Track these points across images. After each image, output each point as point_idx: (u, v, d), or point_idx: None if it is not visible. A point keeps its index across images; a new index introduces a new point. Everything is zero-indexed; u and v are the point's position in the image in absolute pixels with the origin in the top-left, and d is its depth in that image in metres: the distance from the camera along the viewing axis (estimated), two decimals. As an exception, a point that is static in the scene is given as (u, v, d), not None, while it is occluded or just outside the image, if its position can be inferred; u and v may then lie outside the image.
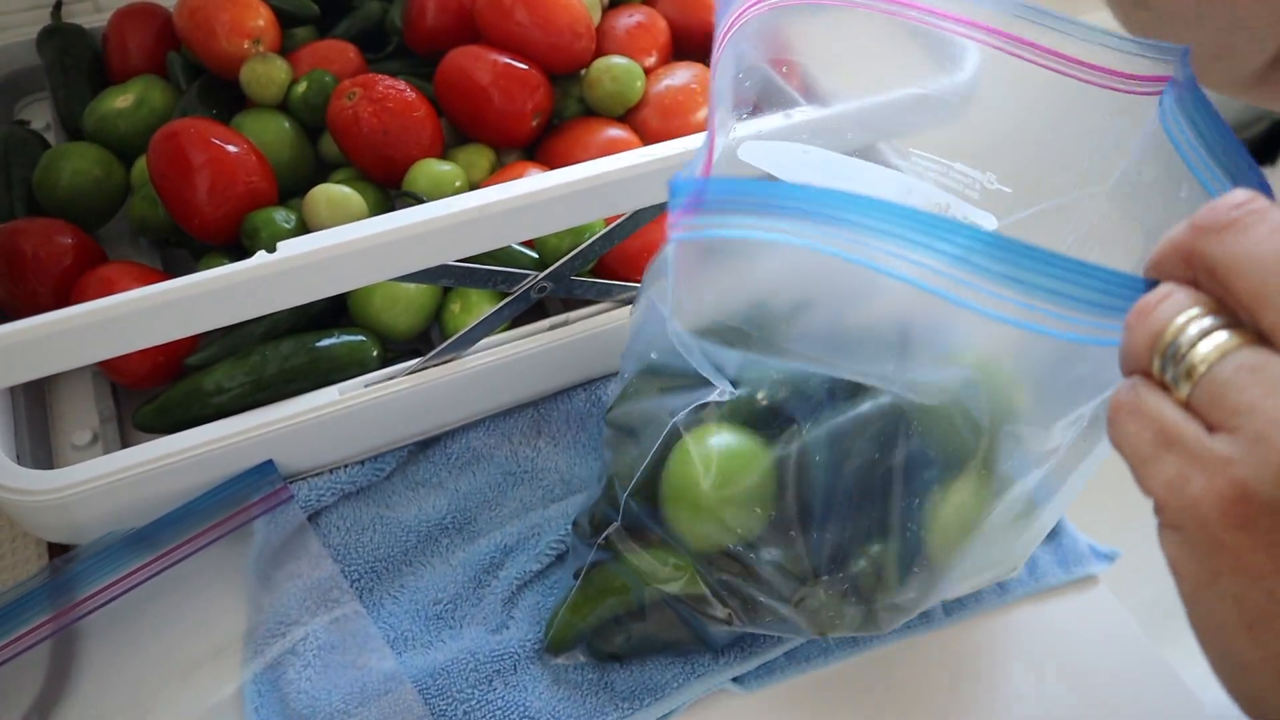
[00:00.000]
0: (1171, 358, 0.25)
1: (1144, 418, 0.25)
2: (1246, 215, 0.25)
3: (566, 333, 0.59)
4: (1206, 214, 0.25)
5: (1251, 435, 0.23)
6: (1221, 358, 0.24)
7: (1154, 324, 0.25)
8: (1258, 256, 0.24)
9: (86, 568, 0.52)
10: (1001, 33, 0.41)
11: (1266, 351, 0.24)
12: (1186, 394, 0.25)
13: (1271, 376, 0.23)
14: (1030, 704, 0.53)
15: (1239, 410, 0.24)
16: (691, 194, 0.30)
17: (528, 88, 0.65)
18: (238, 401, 0.55)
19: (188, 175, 0.59)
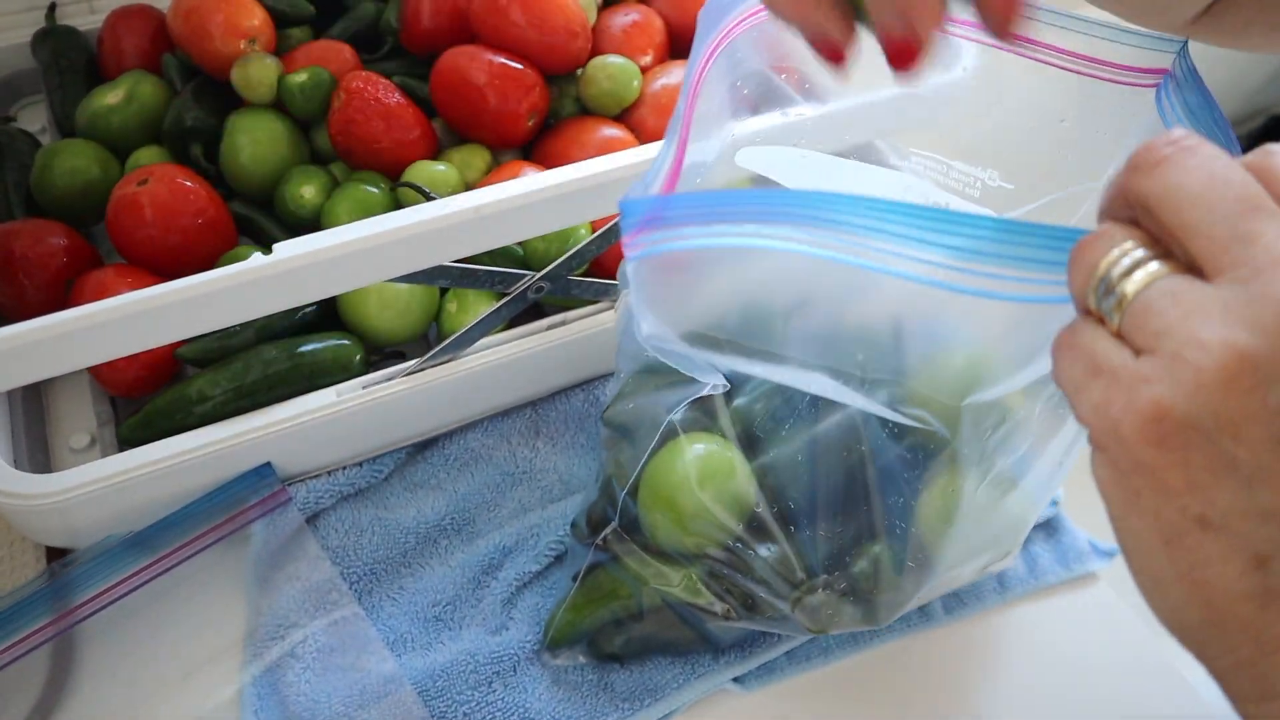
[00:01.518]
0: (1105, 290, 0.26)
1: (1078, 349, 0.26)
2: (1178, 151, 0.25)
3: (564, 333, 0.59)
4: (1141, 152, 0.26)
5: (1169, 354, 0.24)
6: (1148, 284, 0.25)
7: (1090, 259, 0.26)
8: (1185, 186, 0.25)
9: (85, 571, 0.52)
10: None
11: (1191, 278, 0.24)
12: (1117, 323, 0.25)
13: (1192, 300, 0.24)
14: (1031, 701, 0.53)
15: (1159, 332, 0.24)
16: (646, 212, 0.30)
17: (523, 87, 0.65)
18: (221, 409, 0.55)
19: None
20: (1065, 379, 0.26)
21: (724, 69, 0.41)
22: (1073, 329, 0.27)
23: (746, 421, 0.46)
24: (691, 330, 0.43)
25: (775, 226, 0.28)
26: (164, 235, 0.59)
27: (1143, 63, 0.40)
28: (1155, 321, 0.24)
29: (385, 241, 0.48)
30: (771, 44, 0.42)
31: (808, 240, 0.28)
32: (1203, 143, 0.25)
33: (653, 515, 0.47)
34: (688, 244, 0.30)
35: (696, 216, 0.30)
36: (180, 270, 0.56)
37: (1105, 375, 0.25)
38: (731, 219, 0.29)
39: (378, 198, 0.63)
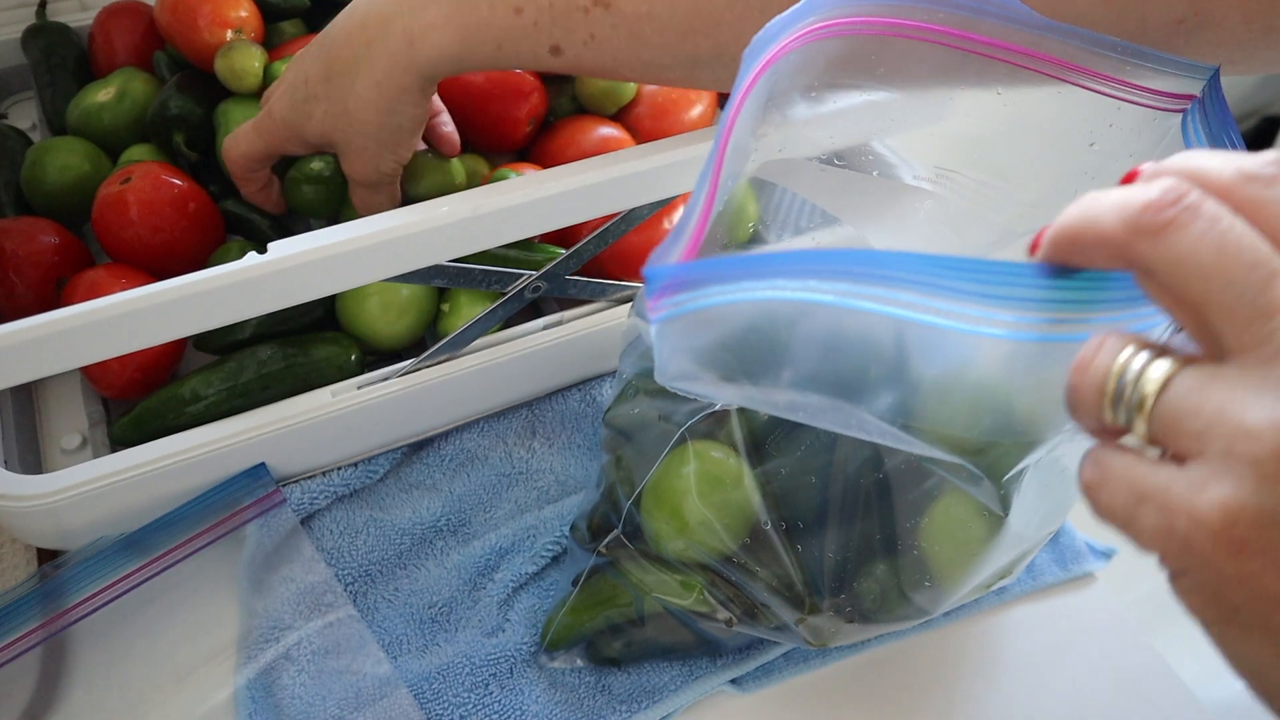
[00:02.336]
0: (1121, 401, 0.25)
1: (1114, 484, 0.25)
2: (1181, 213, 0.24)
3: (561, 333, 0.58)
4: (1141, 213, 0.25)
5: (1218, 454, 0.23)
6: (1167, 384, 0.24)
7: (1096, 375, 0.25)
8: (1195, 260, 0.24)
9: (77, 573, 0.51)
10: (1031, 53, 0.41)
11: (1207, 367, 0.24)
12: (1145, 431, 0.24)
13: (1221, 390, 0.23)
14: (1029, 702, 0.53)
15: (1198, 433, 0.23)
16: (672, 279, 0.30)
17: (521, 94, 0.65)
18: (214, 409, 0.55)
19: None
20: (1111, 515, 0.25)
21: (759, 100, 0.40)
22: (1097, 461, 0.25)
23: (756, 432, 0.45)
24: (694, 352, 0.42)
25: (806, 280, 0.28)
26: (151, 233, 0.59)
27: (1173, 88, 0.40)
28: (1190, 422, 0.23)
29: (381, 241, 0.47)
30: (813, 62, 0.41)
31: (845, 292, 0.28)
32: (1203, 199, 0.24)
33: (657, 523, 0.46)
34: (714, 301, 0.30)
35: (723, 277, 0.29)
36: (169, 268, 0.55)
37: (1154, 498, 0.24)
38: (760, 276, 0.29)
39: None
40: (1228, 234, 0.24)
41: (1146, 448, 0.25)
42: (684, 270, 0.30)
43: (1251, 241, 0.24)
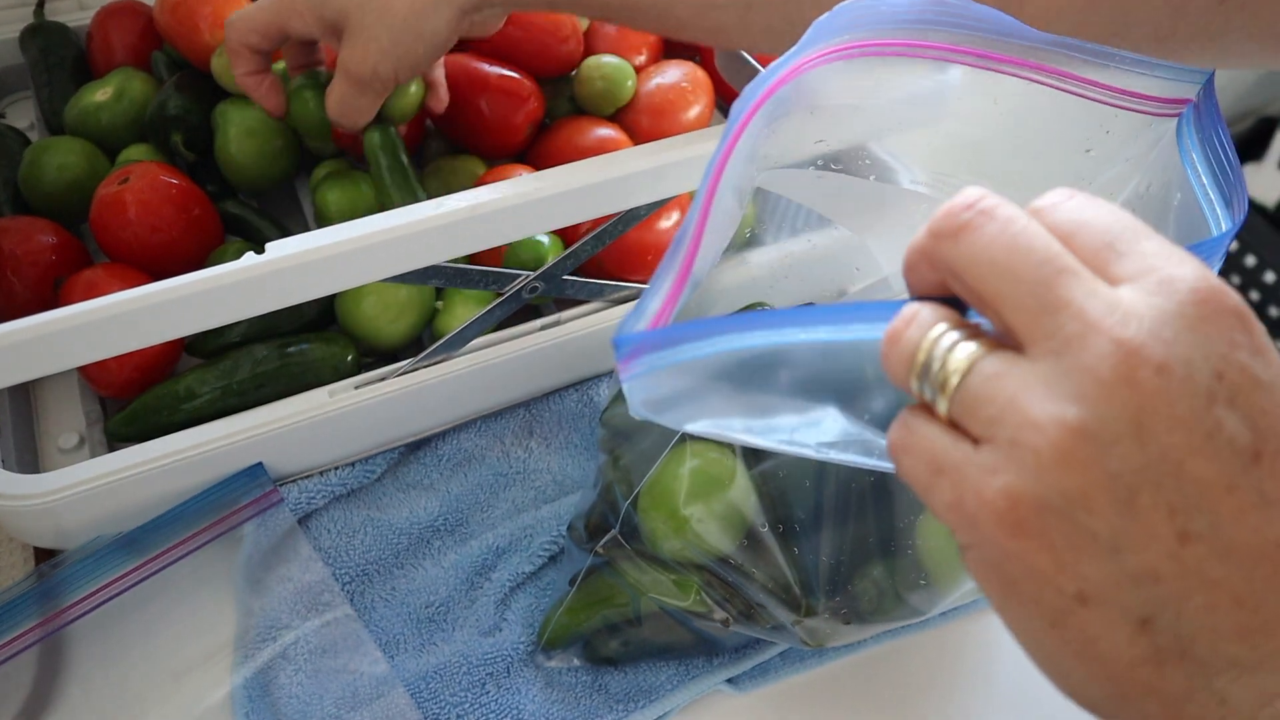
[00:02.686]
0: (926, 378, 0.26)
1: (916, 450, 0.26)
2: (976, 216, 0.25)
3: (558, 333, 0.58)
4: (942, 219, 0.26)
5: (1006, 442, 0.24)
6: (969, 369, 0.25)
7: (905, 347, 0.26)
8: (990, 257, 0.25)
9: (74, 573, 0.51)
10: (1027, 64, 0.41)
11: (1009, 355, 0.25)
12: (945, 410, 0.26)
13: (1015, 381, 0.24)
14: (1025, 702, 0.53)
15: (990, 420, 0.24)
16: (639, 344, 0.31)
17: (519, 99, 0.65)
18: (209, 407, 0.55)
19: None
20: (912, 479, 0.27)
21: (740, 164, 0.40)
22: (906, 427, 0.27)
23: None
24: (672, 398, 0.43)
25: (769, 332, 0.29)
26: (149, 233, 0.59)
27: (1168, 93, 0.40)
28: (985, 409, 0.24)
29: (379, 241, 0.48)
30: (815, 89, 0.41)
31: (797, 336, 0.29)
32: (1000, 204, 0.25)
33: (654, 523, 0.46)
34: (684, 357, 0.30)
35: (693, 336, 0.30)
36: (167, 268, 0.56)
37: (949, 473, 0.25)
38: (728, 333, 0.30)
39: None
40: (1019, 234, 0.25)
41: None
42: (651, 337, 0.31)
43: (1043, 240, 0.25)
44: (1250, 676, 0.24)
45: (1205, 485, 0.23)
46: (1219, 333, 0.24)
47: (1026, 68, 0.42)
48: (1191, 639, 0.24)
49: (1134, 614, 0.24)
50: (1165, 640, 0.24)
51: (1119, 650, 0.24)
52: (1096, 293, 0.24)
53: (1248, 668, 0.24)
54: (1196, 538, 0.23)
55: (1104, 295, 0.24)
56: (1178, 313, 0.24)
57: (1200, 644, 0.24)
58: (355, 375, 0.56)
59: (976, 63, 0.43)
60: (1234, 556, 0.23)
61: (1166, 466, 0.23)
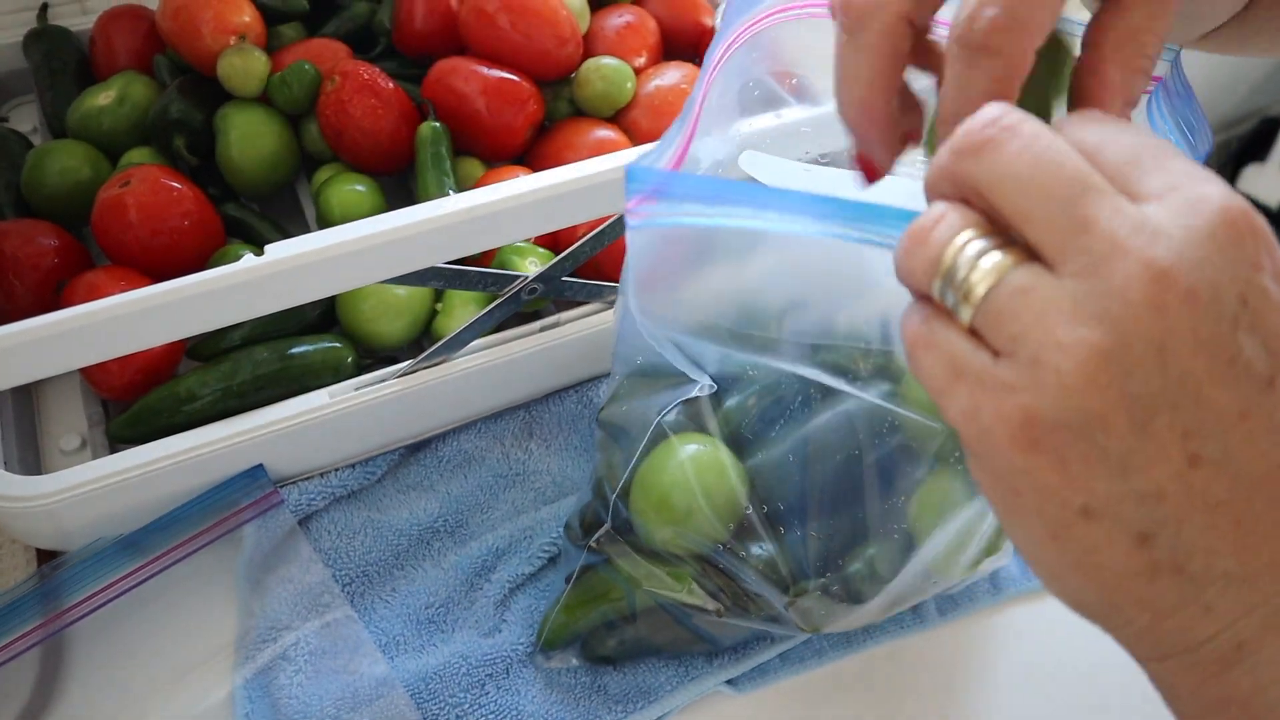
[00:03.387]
0: (950, 283, 0.25)
1: (936, 350, 0.26)
2: (1000, 132, 0.25)
3: (557, 334, 0.58)
4: (962, 136, 0.26)
5: (1028, 360, 0.24)
6: (996, 282, 0.25)
7: (931, 249, 0.26)
8: (1014, 173, 0.25)
9: (75, 574, 0.52)
10: None
11: (1036, 269, 0.24)
12: (969, 318, 0.25)
13: (1042, 298, 0.24)
14: (1025, 702, 0.53)
15: (1015, 336, 0.24)
16: (652, 184, 0.31)
17: (518, 102, 0.65)
18: (210, 409, 0.55)
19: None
20: (926, 378, 0.26)
21: (741, 65, 0.41)
22: (928, 325, 0.26)
23: (736, 422, 0.46)
24: (687, 324, 0.43)
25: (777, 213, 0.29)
26: (150, 236, 0.59)
27: None
28: (1010, 324, 0.24)
29: (378, 243, 0.48)
30: (781, 48, 0.42)
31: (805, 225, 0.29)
32: (1024, 119, 0.25)
33: (644, 516, 0.47)
34: (689, 221, 0.30)
35: (701, 196, 0.30)
36: (169, 271, 0.56)
37: (968, 380, 0.25)
38: (735, 203, 0.30)
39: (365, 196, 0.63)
40: (1045, 150, 0.24)
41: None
42: (667, 177, 0.30)
43: (1068, 157, 0.25)
44: (1237, 588, 0.25)
45: (1220, 410, 0.24)
46: (1245, 255, 0.24)
47: None
48: (1188, 554, 0.24)
49: (1135, 529, 0.24)
50: (1162, 555, 0.25)
51: (1116, 562, 0.25)
52: (1123, 211, 0.24)
53: (1236, 580, 0.25)
54: (1206, 461, 0.24)
55: (1131, 214, 0.24)
56: (1207, 233, 0.23)
57: (1196, 560, 0.25)
58: (355, 377, 0.56)
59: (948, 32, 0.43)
60: (1239, 480, 0.24)
61: (1185, 391, 0.23)
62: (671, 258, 0.42)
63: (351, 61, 0.66)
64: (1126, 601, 0.26)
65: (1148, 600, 0.25)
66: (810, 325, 0.44)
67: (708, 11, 0.75)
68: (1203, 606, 0.25)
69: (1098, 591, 0.26)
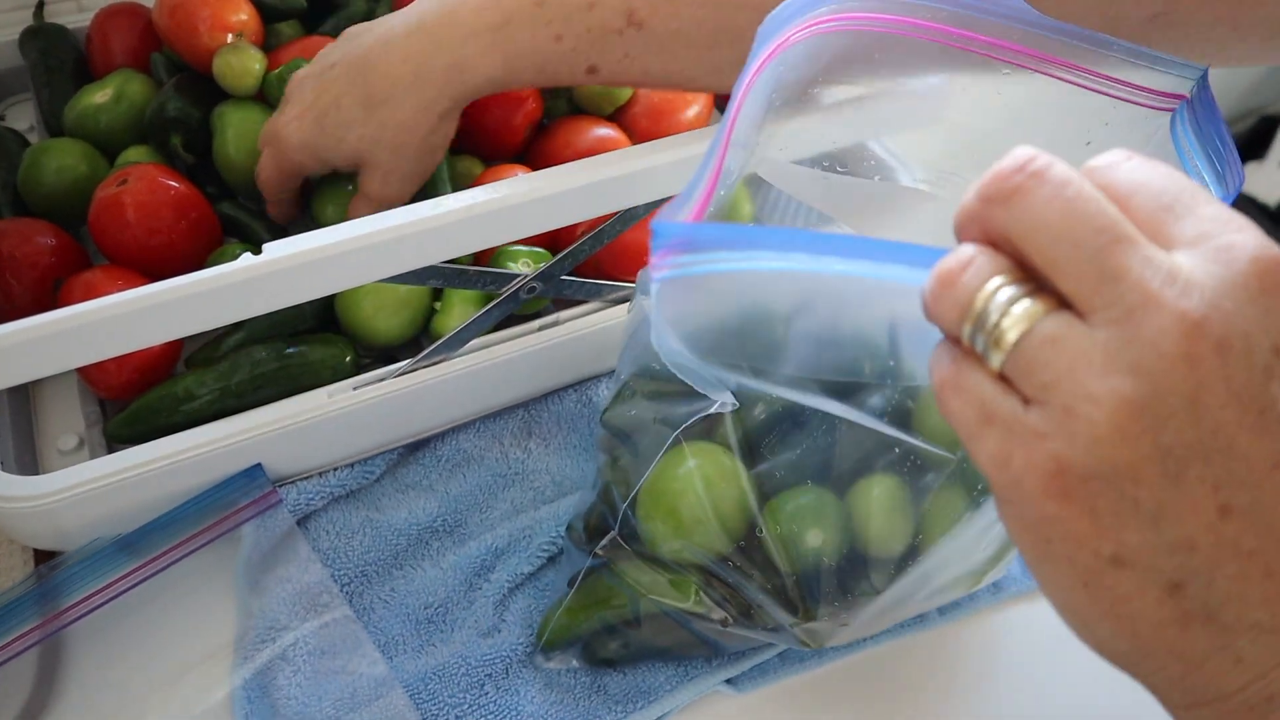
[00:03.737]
0: (980, 329, 0.25)
1: (966, 393, 0.26)
2: (1028, 180, 0.25)
3: (556, 333, 0.58)
4: (991, 183, 0.25)
5: (1060, 409, 0.24)
6: (1028, 329, 0.25)
7: (960, 294, 0.26)
8: (1045, 223, 0.24)
9: (73, 574, 0.51)
10: (1020, 49, 0.41)
11: (1067, 317, 0.24)
12: (999, 365, 0.25)
13: (1074, 348, 0.24)
14: (1025, 702, 0.53)
15: (1046, 385, 0.24)
16: (679, 237, 0.30)
17: (518, 100, 0.65)
18: (209, 408, 0.55)
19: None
20: (955, 421, 0.26)
21: (767, 84, 0.41)
22: (957, 368, 0.26)
23: (752, 436, 0.46)
24: (694, 332, 0.43)
25: (805, 254, 0.29)
26: (148, 235, 0.59)
27: (1165, 87, 0.40)
28: (1041, 373, 0.24)
29: (376, 242, 0.48)
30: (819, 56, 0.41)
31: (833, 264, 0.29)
32: (1052, 163, 0.25)
33: (653, 524, 0.46)
34: (719, 268, 0.30)
35: (731, 244, 0.30)
36: (166, 270, 0.55)
37: (999, 426, 0.25)
38: (762, 246, 0.29)
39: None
40: (1075, 198, 0.24)
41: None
42: (692, 231, 0.30)
43: (1099, 205, 0.24)
44: (1268, 639, 0.25)
45: (1252, 462, 0.24)
46: (1278, 305, 0.24)
47: (1021, 54, 0.42)
48: (1219, 605, 0.25)
49: (1166, 579, 0.24)
50: (1194, 605, 0.25)
51: (1148, 611, 0.25)
52: (1155, 261, 0.24)
53: (1267, 630, 0.25)
54: (1237, 512, 0.24)
55: (1163, 264, 0.24)
56: (1240, 284, 0.23)
57: (1227, 610, 0.25)
58: (354, 376, 0.56)
59: (967, 45, 0.43)
60: (1270, 531, 0.24)
61: (1218, 442, 0.23)
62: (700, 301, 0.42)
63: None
64: (1158, 650, 0.26)
65: (1179, 649, 0.25)
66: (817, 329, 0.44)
67: (707, 9, 0.75)
68: (1234, 656, 0.25)
69: (1129, 640, 0.26)
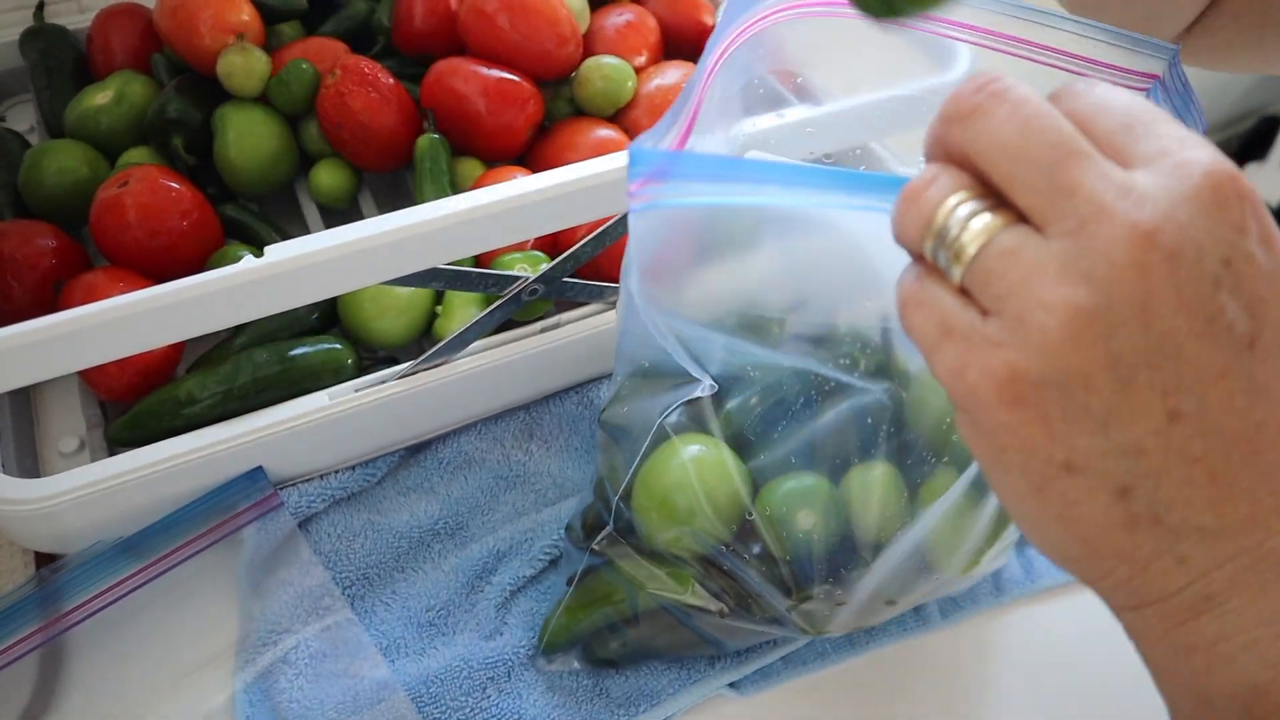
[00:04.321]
0: (941, 243, 0.26)
1: (927, 307, 0.27)
2: (987, 99, 0.26)
3: (558, 335, 0.58)
4: (950, 103, 0.26)
5: (1014, 318, 0.25)
6: (987, 242, 0.25)
7: (923, 209, 0.26)
8: (1002, 140, 0.25)
9: (75, 577, 0.51)
10: (993, 32, 0.42)
11: (1025, 230, 0.25)
12: (959, 277, 0.26)
13: (1029, 259, 0.25)
14: (1029, 704, 0.53)
15: (1001, 295, 0.25)
16: (656, 164, 0.30)
17: (518, 102, 0.65)
18: (210, 412, 0.55)
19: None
20: (917, 335, 0.27)
21: (743, 63, 0.41)
22: (920, 283, 0.27)
23: (738, 423, 0.46)
24: (693, 316, 0.43)
25: (778, 186, 0.29)
26: (148, 237, 0.59)
27: (1139, 67, 0.40)
28: (997, 284, 0.25)
29: (378, 244, 0.47)
30: (783, 47, 0.42)
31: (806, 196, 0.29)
32: (1012, 85, 0.25)
33: (646, 517, 0.46)
34: (694, 200, 0.30)
35: (704, 174, 0.30)
36: (167, 271, 0.56)
37: (957, 338, 0.26)
38: (737, 179, 0.30)
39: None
40: (1031, 116, 0.25)
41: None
42: (670, 158, 0.31)
43: (1055, 123, 0.25)
44: (1211, 541, 0.26)
45: (1200, 369, 0.24)
46: (1230, 218, 0.24)
47: (1002, 39, 0.42)
48: (1165, 508, 0.25)
49: (1115, 483, 0.25)
50: (1141, 508, 0.25)
51: (1097, 514, 0.26)
52: (1109, 175, 0.24)
53: (1210, 533, 0.26)
54: (1184, 417, 0.25)
55: (1117, 178, 0.24)
56: (1192, 196, 0.24)
57: (1173, 513, 0.25)
58: (356, 379, 0.56)
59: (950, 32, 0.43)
60: (1216, 436, 0.25)
61: (1167, 349, 0.24)
62: (675, 243, 0.42)
63: (352, 56, 0.66)
64: (1106, 552, 0.27)
65: (1125, 551, 0.26)
66: (812, 327, 0.44)
67: (708, 10, 0.75)
68: (1177, 558, 0.26)
69: (1078, 543, 0.27)
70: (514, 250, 0.60)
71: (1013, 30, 0.41)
